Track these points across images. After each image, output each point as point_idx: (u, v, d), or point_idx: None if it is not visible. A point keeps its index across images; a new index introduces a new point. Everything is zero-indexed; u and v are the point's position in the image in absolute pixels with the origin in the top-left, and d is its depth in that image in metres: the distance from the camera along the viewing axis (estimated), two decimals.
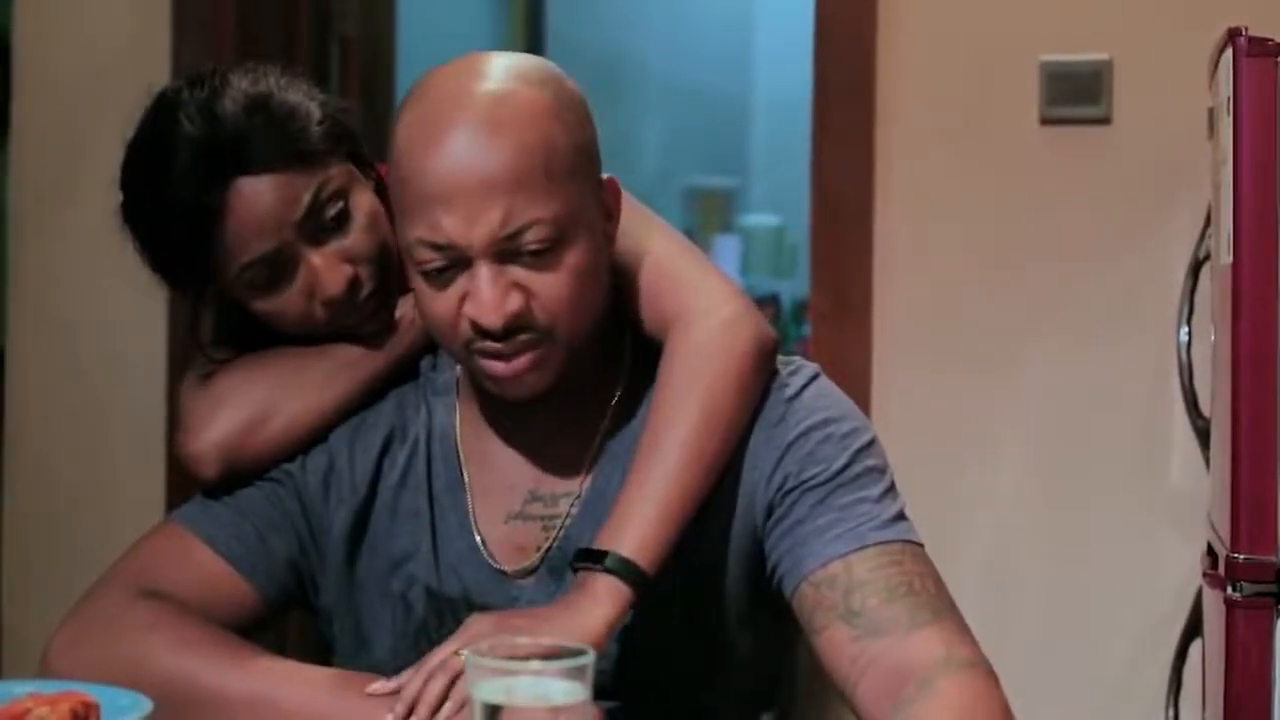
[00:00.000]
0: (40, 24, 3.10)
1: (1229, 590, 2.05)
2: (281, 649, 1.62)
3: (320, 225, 1.53)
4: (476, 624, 1.37)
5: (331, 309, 1.54)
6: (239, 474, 1.56)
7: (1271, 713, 2.02)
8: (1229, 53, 2.06)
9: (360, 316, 1.57)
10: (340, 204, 1.53)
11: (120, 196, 1.55)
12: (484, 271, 1.39)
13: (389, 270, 1.56)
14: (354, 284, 1.54)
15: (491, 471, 1.54)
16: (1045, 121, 2.79)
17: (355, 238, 1.54)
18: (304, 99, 1.55)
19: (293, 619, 1.71)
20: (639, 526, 1.40)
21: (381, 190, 1.58)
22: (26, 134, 3.10)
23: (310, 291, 1.54)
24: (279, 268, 1.53)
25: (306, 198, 1.51)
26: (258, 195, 1.50)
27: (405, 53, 3.61)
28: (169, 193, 1.50)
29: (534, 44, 5.70)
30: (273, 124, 1.51)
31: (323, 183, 1.52)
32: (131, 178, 1.54)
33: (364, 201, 1.55)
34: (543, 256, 1.40)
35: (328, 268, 1.53)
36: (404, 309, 1.58)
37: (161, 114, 1.53)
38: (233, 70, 1.55)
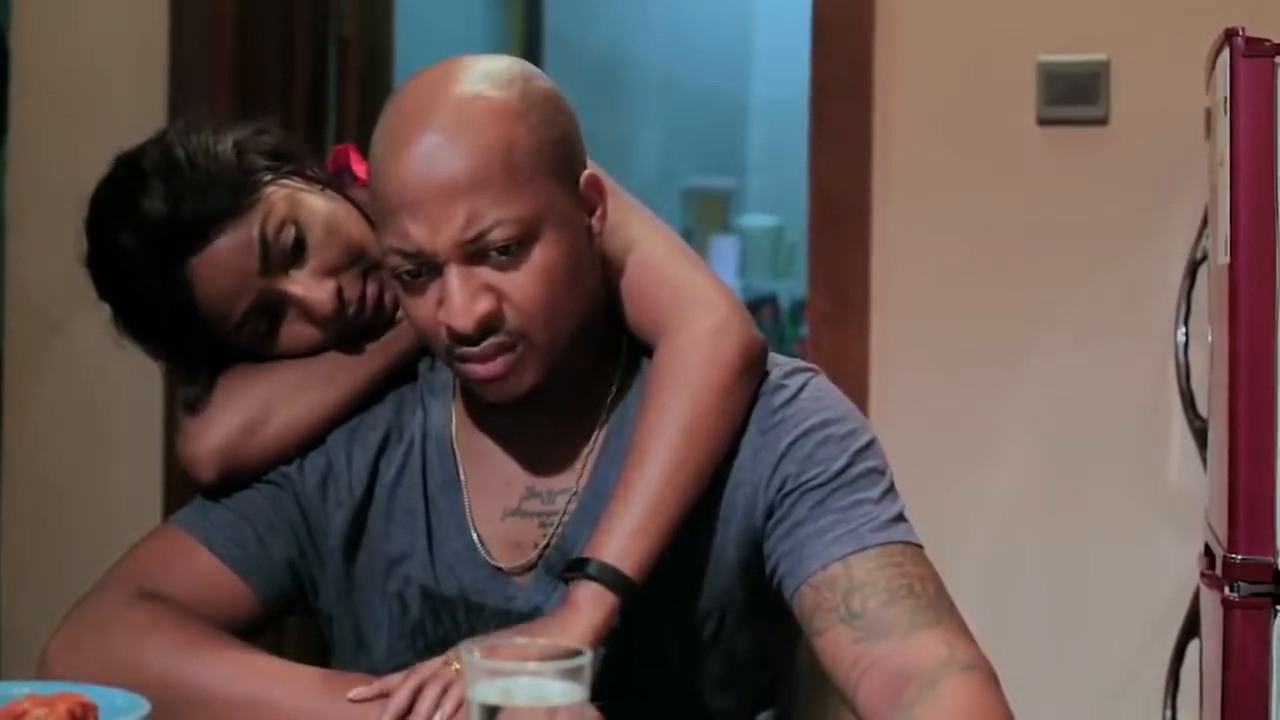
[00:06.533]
0: (40, 24, 3.10)
1: (1226, 590, 2.05)
2: (280, 650, 1.62)
3: (281, 257, 1.54)
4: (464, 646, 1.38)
5: (335, 323, 1.56)
6: (237, 477, 1.56)
7: (1269, 712, 2.02)
8: (1226, 53, 2.06)
9: (367, 312, 1.57)
10: (291, 228, 1.54)
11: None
12: (454, 275, 1.40)
13: (369, 261, 1.56)
14: (341, 293, 1.55)
15: (488, 469, 1.54)
16: (1043, 122, 2.79)
17: (320, 252, 1.55)
18: (214, 146, 1.55)
19: (291, 620, 1.71)
20: (622, 534, 1.41)
21: (334, 185, 1.60)
22: (26, 134, 3.10)
23: (306, 317, 1.55)
24: (269, 312, 1.55)
25: (256, 240, 1.52)
26: (214, 264, 1.52)
27: (403, 53, 3.60)
28: (140, 305, 1.55)
29: (533, 44, 5.69)
30: (194, 194, 1.52)
31: (264, 219, 1.53)
32: (99, 290, 1.57)
33: (315, 212, 1.56)
34: (512, 256, 1.40)
35: (309, 290, 1.54)
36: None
37: (98, 231, 1.55)
38: (145, 151, 1.56)
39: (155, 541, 1.58)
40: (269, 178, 1.55)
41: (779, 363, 1.55)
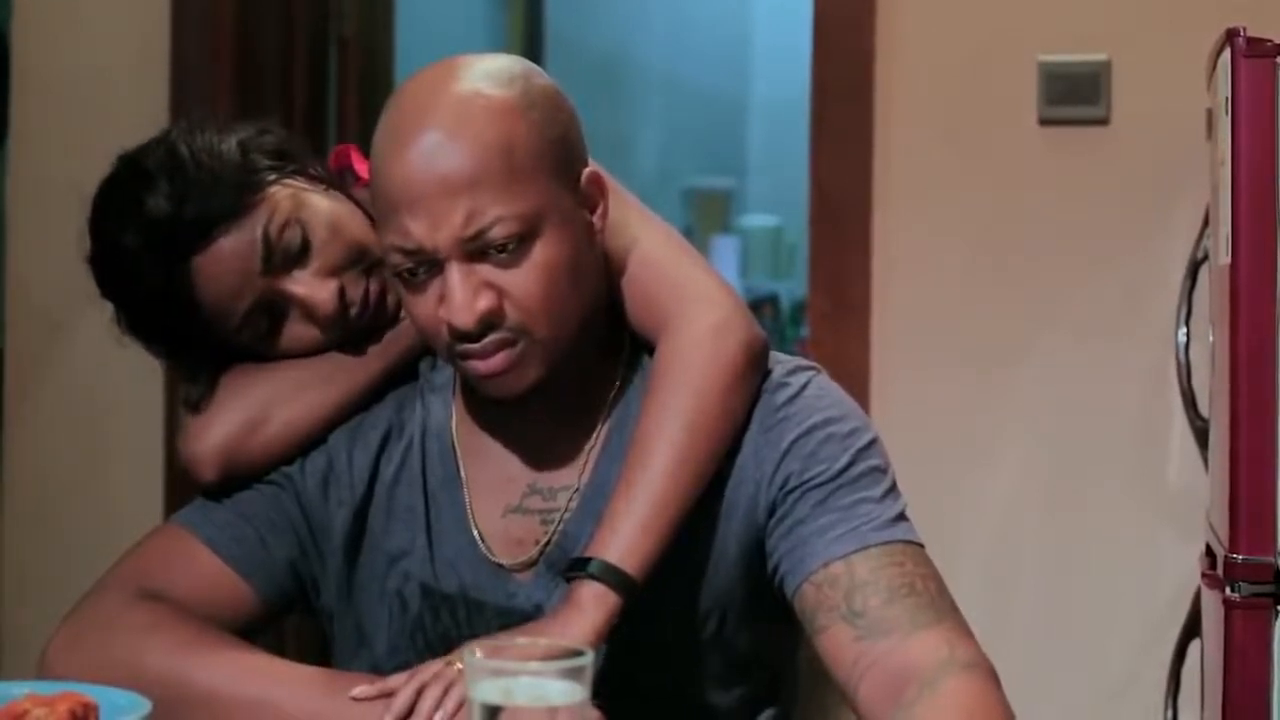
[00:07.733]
0: (41, 24, 3.10)
1: (1227, 591, 2.05)
2: (280, 650, 1.62)
3: (284, 257, 1.53)
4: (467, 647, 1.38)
5: (337, 323, 1.55)
6: (238, 477, 1.56)
7: (1270, 713, 2.02)
8: (1227, 53, 2.06)
9: (369, 312, 1.57)
10: (295, 228, 1.53)
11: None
12: (454, 273, 1.40)
13: (371, 260, 1.56)
14: (344, 293, 1.55)
15: (489, 466, 1.54)
16: (1044, 122, 2.79)
17: (324, 252, 1.55)
18: (218, 146, 1.55)
19: (291, 620, 1.71)
20: (625, 533, 1.41)
21: (337, 185, 1.60)
22: (26, 134, 3.10)
23: (308, 317, 1.55)
24: (270, 312, 1.55)
25: (259, 240, 1.52)
26: (218, 263, 1.51)
27: (403, 53, 3.61)
28: (142, 304, 1.54)
29: (533, 44, 5.69)
30: (198, 193, 1.51)
31: (268, 219, 1.52)
32: (102, 288, 1.57)
33: (318, 212, 1.55)
34: (512, 253, 1.40)
35: (312, 291, 1.54)
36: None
37: (101, 227, 1.55)
38: (149, 150, 1.55)
39: (156, 541, 1.58)
40: (273, 177, 1.55)
41: (781, 360, 1.55)
